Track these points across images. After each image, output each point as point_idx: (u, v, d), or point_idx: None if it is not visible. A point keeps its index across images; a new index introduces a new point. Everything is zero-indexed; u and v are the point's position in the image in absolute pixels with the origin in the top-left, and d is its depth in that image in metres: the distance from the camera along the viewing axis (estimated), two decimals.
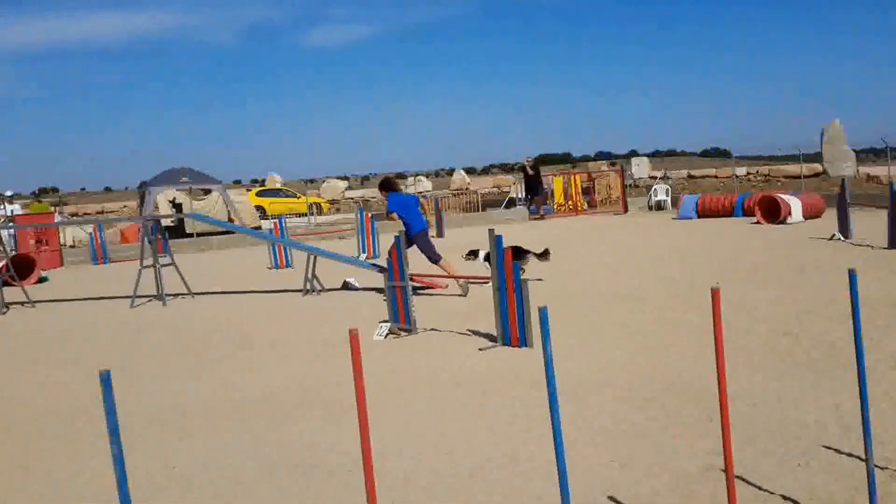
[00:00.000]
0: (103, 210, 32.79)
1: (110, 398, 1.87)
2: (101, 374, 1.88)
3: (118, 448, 1.94)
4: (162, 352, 7.80)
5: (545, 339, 2.80)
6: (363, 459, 2.67)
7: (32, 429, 5.37)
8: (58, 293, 13.48)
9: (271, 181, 37.60)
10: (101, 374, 1.88)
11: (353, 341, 2.58)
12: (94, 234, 20.11)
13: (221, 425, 5.16)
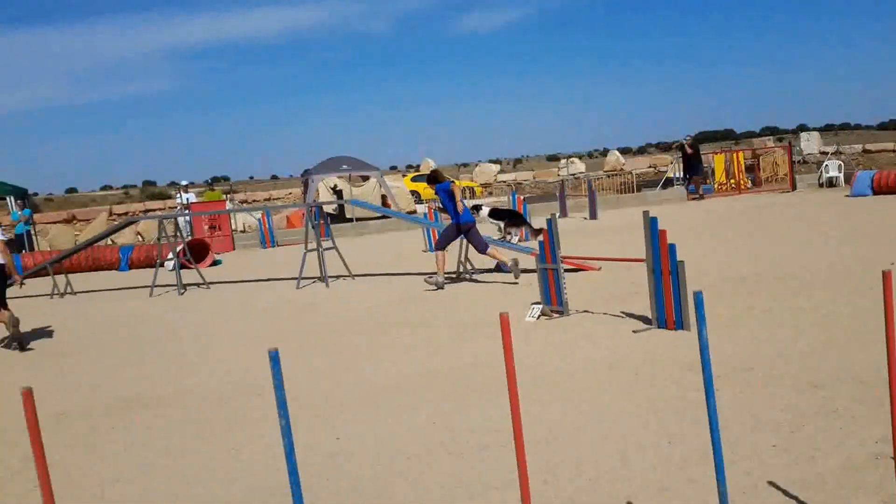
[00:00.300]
0: (270, 197, 34.57)
1: (279, 374, 2.02)
2: (270, 351, 2.03)
3: (286, 420, 2.09)
4: (325, 331, 8.18)
5: (700, 322, 2.76)
6: (514, 438, 2.74)
7: (209, 401, 5.80)
8: (230, 275, 14.39)
9: (426, 166, 38.31)
10: (270, 351, 2.03)
11: (503, 323, 2.64)
12: (262, 219, 21.28)
13: (382, 402, 5.37)
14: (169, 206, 29.89)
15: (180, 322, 9.62)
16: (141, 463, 4.55)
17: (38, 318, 10.95)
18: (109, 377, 6.86)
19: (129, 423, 5.38)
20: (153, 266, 14.29)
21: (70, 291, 13.41)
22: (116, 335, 9.02)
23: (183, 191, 24.00)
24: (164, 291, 12.60)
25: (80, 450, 4.89)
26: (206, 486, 4.12)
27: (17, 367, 7.66)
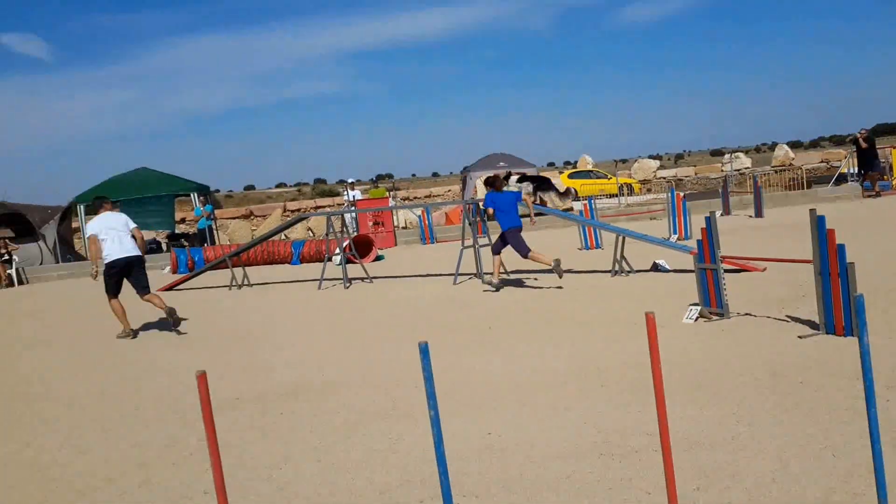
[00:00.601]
0: (430, 194, 35.35)
1: (428, 366, 2.13)
2: (420, 344, 2.15)
3: (435, 412, 2.20)
4: (480, 326, 8.33)
5: (861, 327, 2.65)
6: (661, 442, 2.74)
7: (371, 390, 6.07)
8: (392, 270, 14.89)
9: (583, 163, 37.89)
10: (420, 344, 2.15)
11: (649, 323, 2.65)
12: (422, 216, 21.82)
13: (534, 399, 5.44)
14: (337, 202, 31.20)
15: (345, 314, 10.08)
16: (307, 447, 4.85)
17: (218, 307, 11.80)
18: (280, 364, 7.31)
19: (296, 409, 5.74)
20: (322, 260, 15.02)
21: (247, 283, 14.32)
22: (287, 325, 9.58)
23: (349, 188, 24.99)
24: (331, 285, 13.22)
25: (253, 433, 5.26)
26: (365, 472, 4.34)
27: (198, 352, 8.30)
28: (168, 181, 24.48)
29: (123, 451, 5.08)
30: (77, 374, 7.67)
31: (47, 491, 4.47)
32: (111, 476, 4.64)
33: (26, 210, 22.82)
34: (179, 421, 5.69)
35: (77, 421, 5.94)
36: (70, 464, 4.94)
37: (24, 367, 8.34)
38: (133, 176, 24.52)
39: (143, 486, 4.44)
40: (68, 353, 8.99)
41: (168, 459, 4.85)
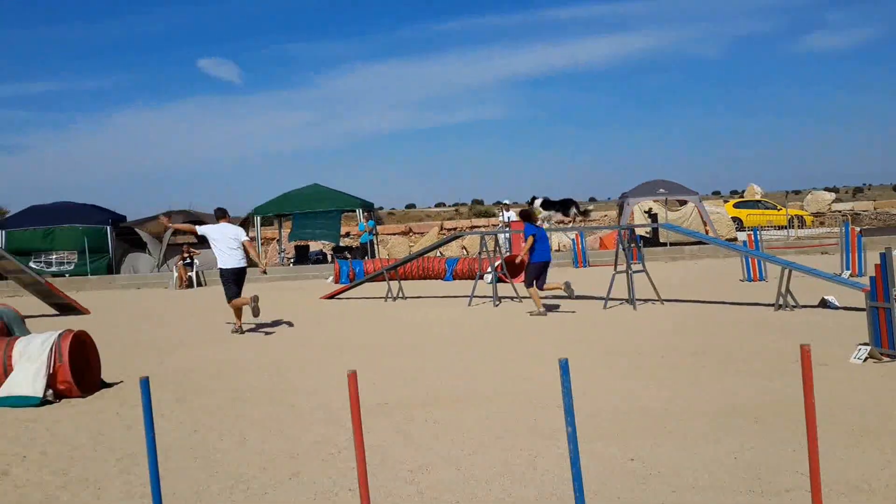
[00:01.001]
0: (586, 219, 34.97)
1: (567, 381, 2.17)
2: (561, 361, 2.19)
3: (573, 428, 2.23)
4: (627, 351, 8.20)
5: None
6: (811, 482, 2.63)
7: (514, 406, 6.11)
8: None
9: (750, 192, 36.35)
10: (560, 361, 2.19)
11: (804, 358, 2.56)
12: (576, 239, 21.68)
13: (681, 429, 5.30)
14: (492, 223, 31.52)
15: (493, 331, 10.18)
16: (447, 455, 4.96)
17: (374, 317, 12.23)
18: (427, 374, 7.49)
19: (439, 418, 5.87)
20: (474, 278, 15.23)
21: (401, 296, 14.75)
22: (436, 337, 9.79)
23: (505, 209, 25.23)
24: (481, 302, 13.38)
25: (397, 437, 5.43)
26: (503, 485, 4.39)
27: (350, 357, 8.63)
28: (337, 197, 25.67)
29: (277, 445, 5.38)
30: (241, 371, 8.17)
31: (209, 475, 4.80)
32: (265, 466, 4.93)
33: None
34: (330, 420, 5.96)
35: (238, 413, 6.34)
36: (229, 452, 5.28)
37: (194, 360, 8.97)
38: (306, 191, 25.93)
39: (294, 478, 4.69)
40: (234, 350, 9.59)
41: (317, 456, 5.09)
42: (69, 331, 7.30)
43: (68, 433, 5.94)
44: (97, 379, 7.57)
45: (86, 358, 7.56)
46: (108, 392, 7.38)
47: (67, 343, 7.08)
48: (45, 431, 6.00)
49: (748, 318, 10.13)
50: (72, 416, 6.50)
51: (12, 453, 5.43)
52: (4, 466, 5.11)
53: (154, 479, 2.49)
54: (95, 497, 4.51)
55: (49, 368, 6.93)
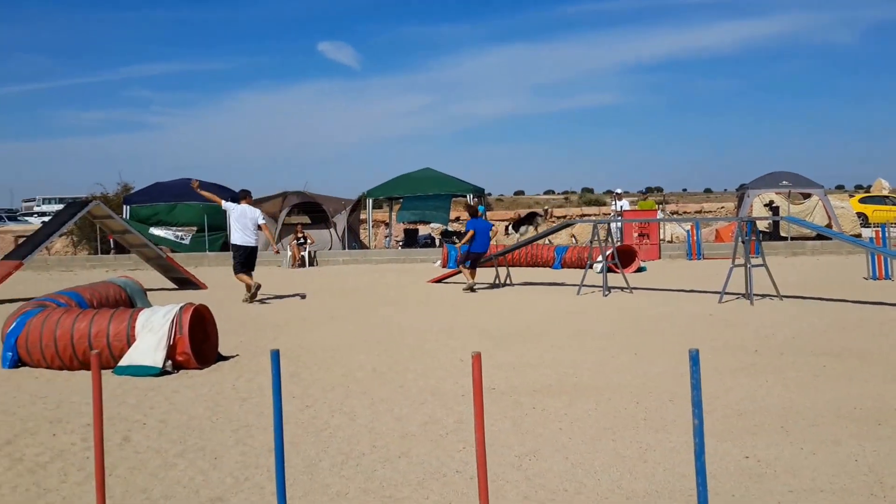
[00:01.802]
0: (702, 210, 34.03)
1: (697, 373, 2.06)
2: (691, 351, 2.09)
3: (699, 420, 2.13)
4: (745, 348, 7.89)
5: None
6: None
7: (624, 398, 5.97)
8: (653, 282, 14.54)
9: (877, 187, 34.46)
10: (690, 351, 2.08)
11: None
12: (691, 231, 21.07)
13: (799, 429, 5.06)
14: (603, 212, 31.07)
15: (602, 321, 10.00)
16: (556, 444, 4.89)
17: (482, 302, 12.23)
18: (535, 361, 7.42)
19: (547, 406, 5.79)
20: (583, 267, 15.03)
21: (509, 282, 14.70)
22: (542, 325, 9.69)
23: (617, 198, 24.81)
24: (589, 291, 13.18)
25: (505, 422, 5.40)
26: (612, 477, 4.29)
27: (460, 343, 8.65)
28: (448, 182, 25.81)
29: (387, 423, 5.44)
30: (352, 350, 8.31)
31: (320, 450, 4.89)
32: (375, 444, 4.98)
33: (323, 200, 25.19)
34: (439, 402, 5.98)
35: (350, 391, 6.45)
36: (340, 428, 5.37)
37: (310, 338, 9.19)
38: (418, 175, 26.18)
39: (403, 457, 4.72)
40: (345, 330, 9.78)
41: (426, 436, 5.12)
42: (190, 304, 7.59)
43: (186, 403, 6.18)
44: (214, 352, 7.86)
45: (204, 331, 7.85)
46: (224, 365, 7.64)
47: (188, 316, 7.36)
48: (164, 400, 6.26)
49: (873, 318, 9.59)
50: (189, 386, 6.75)
51: (133, 420, 5.69)
52: (126, 432, 5.35)
53: (279, 450, 2.54)
54: (212, 466, 4.66)
55: (169, 340, 7.23)
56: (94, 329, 7.36)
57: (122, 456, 4.84)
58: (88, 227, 24.84)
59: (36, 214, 50.79)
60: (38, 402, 6.25)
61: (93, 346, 7.29)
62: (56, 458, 4.84)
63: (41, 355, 7.46)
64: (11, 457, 4.88)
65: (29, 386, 6.88)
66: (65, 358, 7.39)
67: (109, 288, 9.36)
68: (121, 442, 5.14)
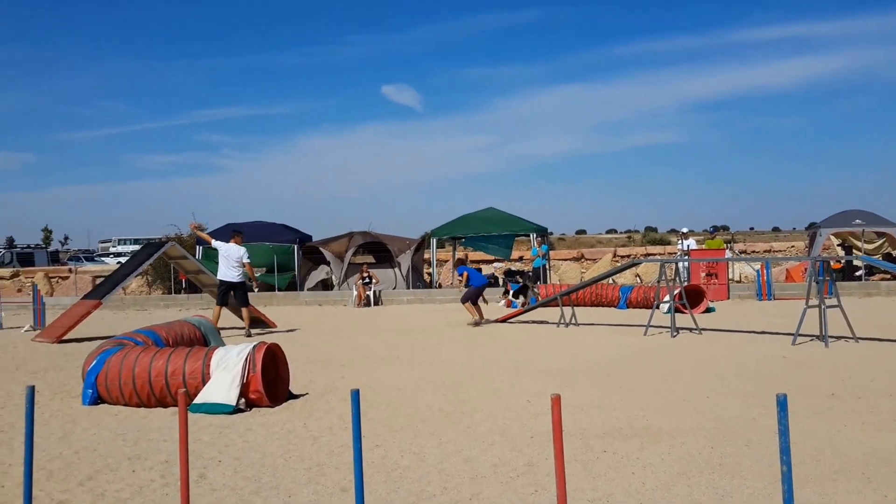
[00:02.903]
0: (770, 249, 33.26)
1: (785, 419, 2.04)
2: (779, 396, 2.07)
3: (788, 467, 2.10)
4: (810, 389, 7.67)
5: None
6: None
7: (699, 441, 5.86)
8: (723, 323, 14.25)
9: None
10: (778, 396, 2.07)
11: None
12: (760, 271, 20.64)
13: (877, 475, 4.89)
14: (668, 251, 30.63)
15: (670, 362, 9.84)
16: (629, 488, 4.82)
17: (547, 342, 12.16)
18: (602, 403, 7.34)
19: (618, 449, 5.72)
20: (649, 307, 14.84)
21: (574, 322, 14.59)
22: (610, 366, 9.57)
23: (683, 237, 24.46)
24: (657, 332, 12.99)
25: (574, 465, 5.34)
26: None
27: (527, 383, 8.60)
28: (511, 221, 25.86)
29: (456, 465, 5.44)
30: (419, 390, 8.34)
31: (391, 490, 4.92)
32: (445, 485, 4.99)
33: (387, 240, 25.49)
34: (508, 444, 5.96)
35: (418, 431, 6.47)
36: (410, 469, 5.39)
37: (376, 377, 9.26)
38: (482, 214, 26.33)
39: (474, 499, 4.71)
40: (412, 369, 9.82)
41: (496, 479, 5.10)
42: (263, 343, 7.75)
43: (259, 441, 6.28)
44: (286, 390, 7.98)
45: (276, 370, 7.99)
46: (295, 403, 7.76)
47: (261, 355, 7.51)
48: (238, 438, 6.38)
49: None
50: (262, 424, 6.87)
51: (208, 457, 5.81)
52: (202, 469, 5.47)
53: (359, 487, 2.58)
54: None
55: (243, 378, 7.38)
56: (171, 367, 7.56)
57: (199, 493, 4.94)
58: (163, 267, 25.57)
59: (112, 255, 52.52)
60: (118, 439, 6.44)
61: (169, 383, 7.49)
62: (136, 495, 4.97)
63: (119, 392, 7.69)
64: (94, 492, 5.03)
65: (108, 423, 7.09)
66: (142, 395, 7.60)
67: (184, 327, 9.63)
68: (197, 479, 5.25)
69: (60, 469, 5.56)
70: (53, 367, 10.68)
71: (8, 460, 5.82)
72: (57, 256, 46.26)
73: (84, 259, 46.31)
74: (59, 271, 33.70)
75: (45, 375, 9.83)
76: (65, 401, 8.12)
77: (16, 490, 5.07)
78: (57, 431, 6.72)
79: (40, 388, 8.72)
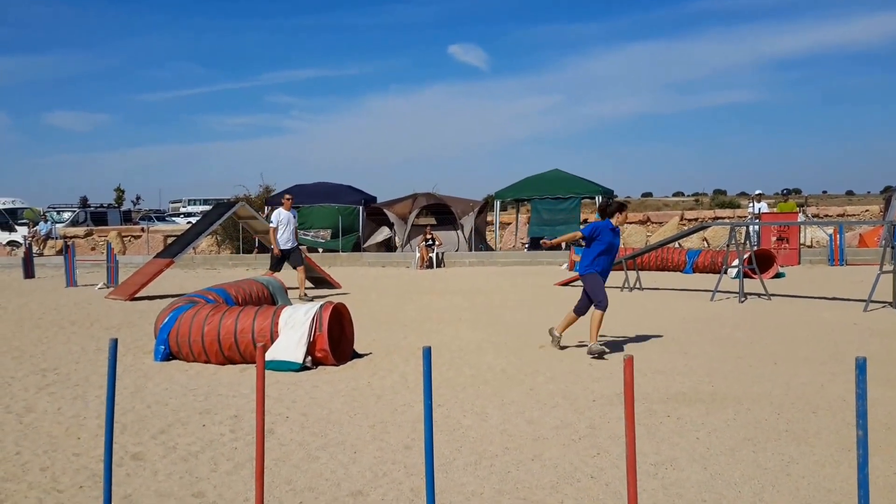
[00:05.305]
0: (844, 213, 32.22)
1: (863, 382, 1.98)
2: (858, 359, 2.01)
3: (864, 432, 2.05)
4: (892, 359, 7.45)
5: None
6: None
7: (766, 409, 5.76)
8: (793, 289, 13.91)
9: None
10: (857, 359, 2.01)
11: None
12: (833, 235, 20.05)
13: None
14: (738, 214, 29.94)
15: (739, 329, 9.67)
16: (693, 453, 4.78)
17: (611, 307, 12.03)
18: (667, 369, 7.27)
19: (682, 415, 5.67)
20: (717, 272, 14.57)
21: (639, 287, 14.43)
22: (676, 332, 9.46)
23: (755, 200, 23.85)
24: (724, 297, 12.77)
25: (639, 429, 5.30)
26: (753, 489, 4.16)
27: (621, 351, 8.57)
28: (577, 183, 25.46)
29: (519, 426, 5.47)
30: (482, 351, 8.38)
31: (453, 450, 4.98)
32: (507, 446, 5.02)
33: (451, 202, 25.46)
34: (570, 406, 5.96)
35: (480, 392, 6.52)
36: (472, 428, 5.44)
37: (438, 338, 9.33)
38: (547, 176, 25.92)
39: (536, 459, 4.74)
40: (471, 330, 9.86)
41: (558, 440, 5.12)
42: (329, 302, 7.87)
43: (325, 398, 6.41)
44: (350, 349, 8.11)
45: (342, 329, 8.12)
46: (359, 362, 7.88)
47: (328, 314, 7.63)
48: (305, 395, 6.52)
49: None
50: (328, 382, 7.00)
51: (276, 413, 5.95)
52: (270, 425, 5.61)
53: (429, 445, 2.62)
54: (352, 460, 4.83)
55: (310, 337, 7.52)
56: (240, 326, 7.74)
57: (268, 447, 5.06)
58: (232, 227, 26.09)
59: (182, 215, 53.80)
60: (189, 394, 6.64)
61: (238, 341, 7.68)
62: (206, 448, 5.13)
63: (190, 349, 7.91)
64: (166, 445, 5.21)
65: (179, 378, 7.31)
66: (211, 353, 7.81)
67: (253, 286, 9.83)
68: (266, 434, 5.38)
69: (134, 423, 5.76)
70: (126, 323, 11.04)
71: (84, 413, 6.06)
72: (129, 216, 47.57)
73: (155, 219, 47.56)
74: (131, 230, 34.68)
75: (118, 332, 10.16)
76: (137, 357, 8.39)
77: (90, 441, 5.27)
78: (130, 386, 6.95)
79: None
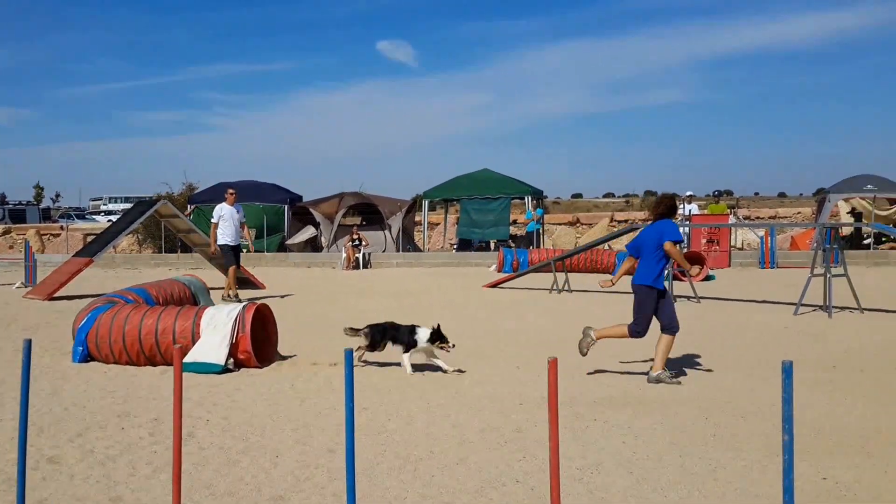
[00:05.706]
0: (776, 215, 32.96)
1: (789, 387, 1.89)
2: (784, 364, 1.92)
3: (790, 437, 1.96)
4: (810, 361, 7.54)
5: None
6: None
7: (690, 411, 5.74)
8: (723, 292, 14.09)
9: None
10: (784, 362, 1.91)
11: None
12: (764, 238, 20.42)
13: (881, 450, 4.78)
14: None
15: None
16: (620, 458, 4.71)
17: (539, 308, 12.02)
18: (593, 372, 7.21)
19: (609, 418, 5.60)
20: None
21: (567, 289, 14.45)
22: None
23: (686, 201, 24.20)
24: None
25: (564, 433, 5.20)
26: (680, 494, 4.10)
27: (517, 349, 8.47)
28: (507, 183, 25.30)
29: (444, 429, 5.33)
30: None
31: (377, 454, 4.81)
32: (432, 449, 4.87)
33: (378, 201, 25.12)
34: (497, 410, 5.84)
35: (405, 395, 6.36)
36: (397, 432, 5.28)
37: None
38: (476, 176, 25.65)
39: (461, 463, 4.60)
40: None
41: (484, 444, 4.99)
42: (252, 303, 7.61)
43: (247, 401, 6.17)
44: (274, 351, 7.86)
45: (265, 331, 7.86)
46: (283, 364, 7.64)
47: (250, 315, 7.38)
48: (227, 398, 6.27)
49: None
50: (250, 384, 6.76)
51: (197, 416, 5.69)
52: (190, 428, 5.35)
53: (350, 448, 2.46)
54: (273, 465, 4.63)
55: (232, 338, 7.25)
56: (161, 326, 7.43)
57: (188, 451, 4.82)
58: (154, 226, 25.34)
59: (103, 213, 52.18)
60: (108, 397, 6.35)
61: (159, 342, 7.37)
62: (125, 452, 4.89)
63: (109, 350, 7.57)
64: (83, 448, 4.95)
65: (98, 380, 6.99)
66: (132, 353, 7.48)
67: (175, 286, 9.48)
68: (186, 437, 5.13)
69: (51, 425, 5.48)
70: (44, 324, 10.57)
71: None
72: (48, 214, 46.02)
73: (75, 217, 46.01)
74: (50, 228, 33.54)
75: (35, 332, 9.71)
76: (55, 357, 8.01)
77: (6, 444, 4.99)
78: (47, 388, 6.63)
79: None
